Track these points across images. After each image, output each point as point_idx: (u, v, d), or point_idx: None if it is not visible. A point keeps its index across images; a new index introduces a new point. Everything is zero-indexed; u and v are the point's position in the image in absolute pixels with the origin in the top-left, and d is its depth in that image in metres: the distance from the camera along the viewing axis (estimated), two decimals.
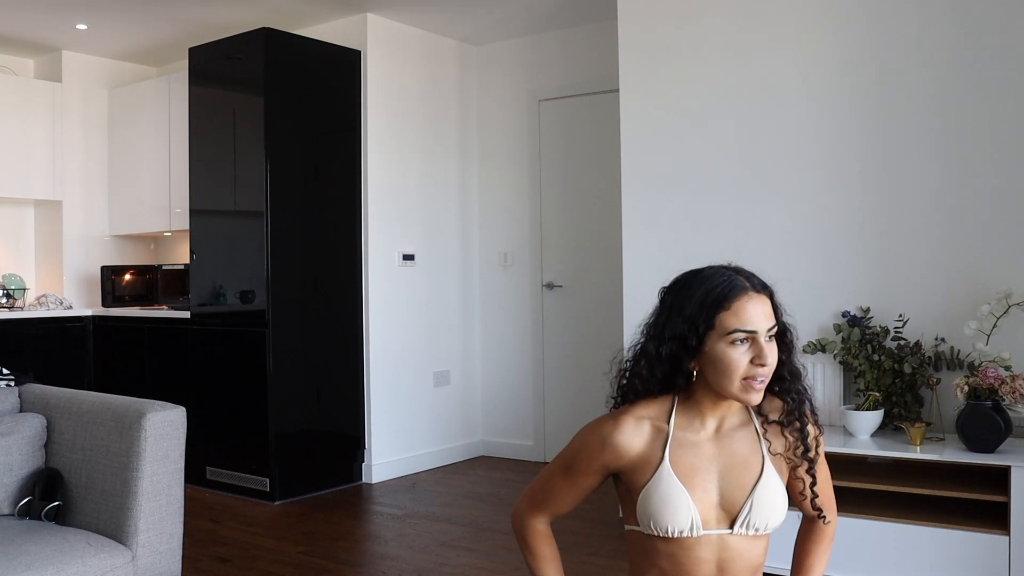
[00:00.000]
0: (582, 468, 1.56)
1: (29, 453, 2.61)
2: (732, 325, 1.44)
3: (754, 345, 1.45)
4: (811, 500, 1.61)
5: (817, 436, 1.59)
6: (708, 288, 1.48)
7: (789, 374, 1.55)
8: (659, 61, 4.01)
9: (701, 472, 1.49)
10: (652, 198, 4.01)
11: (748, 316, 1.44)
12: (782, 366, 1.54)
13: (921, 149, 3.40)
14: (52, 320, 5.39)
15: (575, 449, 1.58)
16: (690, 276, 1.53)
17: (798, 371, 1.56)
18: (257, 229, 4.59)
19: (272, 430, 4.53)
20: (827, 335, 3.49)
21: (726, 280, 1.48)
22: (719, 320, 1.45)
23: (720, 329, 1.45)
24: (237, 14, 4.97)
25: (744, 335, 1.44)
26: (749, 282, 1.48)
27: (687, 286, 1.51)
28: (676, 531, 1.47)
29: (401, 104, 5.18)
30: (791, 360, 1.55)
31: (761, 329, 1.45)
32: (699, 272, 1.52)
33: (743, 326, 1.44)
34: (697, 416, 1.53)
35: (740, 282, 1.47)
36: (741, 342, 1.44)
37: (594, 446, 1.54)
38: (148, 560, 2.44)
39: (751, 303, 1.45)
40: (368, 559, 3.73)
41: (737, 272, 1.50)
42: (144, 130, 5.75)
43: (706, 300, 1.47)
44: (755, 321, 1.44)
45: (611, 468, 1.54)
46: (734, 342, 1.44)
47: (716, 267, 1.53)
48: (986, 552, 2.83)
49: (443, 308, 5.45)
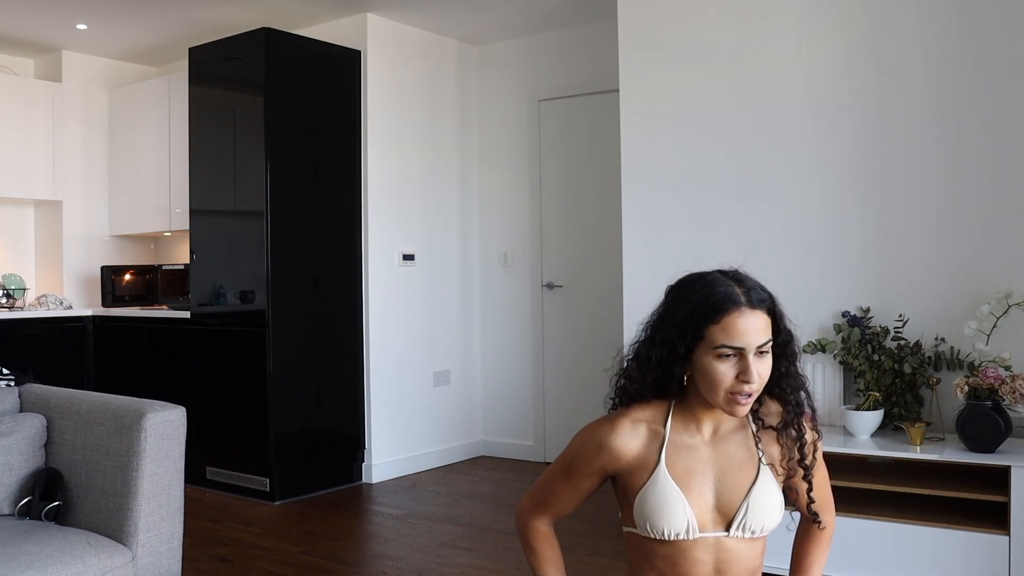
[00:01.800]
0: (580, 470, 1.56)
1: (29, 453, 2.61)
2: (719, 340, 1.42)
3: (741, 361, 1.42)
4: (807, 506, 1.60)
5: (815, 442, 1.58)
6: (702, 298, 1.45)
7: (789, 385, 1.54)
8: (659, 61, 4.01)
9: (697, 475, 1.49)
10: (652, 198, 4.01)
11: (737, 332, 1.42)
12: (783, 377, 1.53)
13: (921, 149, 3.40)
14: (52, 320, 5.39)
15: (573, 451, 1.58)
16: (691, 280, 1.51)
17: (799, 381, 1.55)
18: (257, 229, 4.59)
19: (272, 430, 4.53)
20: (827, 335, 3.49)
21: (721, 292, 1.44)
22: (708, 333, 1.43)
23: (708, 342, 1.43)
24: (237, 14, 4.97)
25: (731, 351, 1.42)
26: (746, 296, 1.44)
27: (684, 291, 1.50)
28: (672, 533, 1.47)
29: (401, 104, 5.18)
30: (792, 371, 1.53)
31: (749, 346, 1.42)
32: (701, 277, 1.50)
33: (730, 342, 1.42)
34: (693, 420, 1.53)
35: (736, 296, 1.44)
36: (728, 357, 1.43)
37: (591, 449, 1.54)
38: (148, 560, 2.44)
39: (742, 319, 1.42)
40: (368, 559, 3.73)
41: (738, 283, 1.46)
42: (144, 130, 5.75)
43: (697, 310, 1.45)
44: (743, 338, 1.42)
45: (608, 470, 1.54)
46: (720, 356, 1.43)
47: (717, 275, 1.49)
48: (986, 552, 2.83)
49: (443, 308, 5.45)
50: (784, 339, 1.51)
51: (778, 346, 1.50)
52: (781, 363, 1.52)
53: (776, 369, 1.51)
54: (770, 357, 1.47)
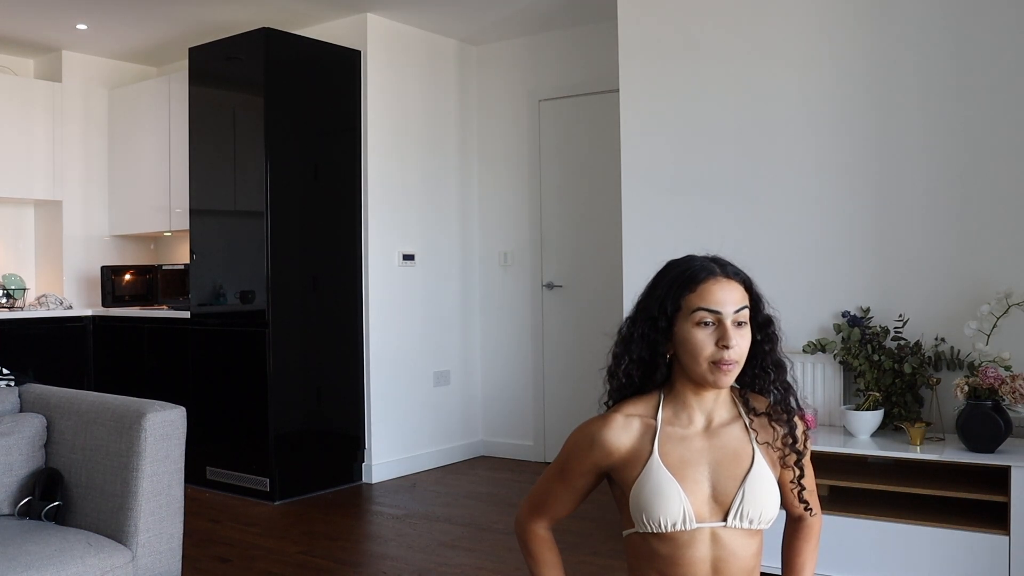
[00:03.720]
0: (575, 469, 1.58)
1: (29, 453, 2.61)
2: (696, 304, 1.48)
3: (719, 327, 1.47)
4: (799, 493, 1.60)
5: (805, 430, 1.60)
6: (679, 272, 1.53)
7: (773, 366, 1.56)
8: (659, 61, 4.01)
9: (691, 465, 1.50)
10: (652, 198, 4.01)
11: (713, 298, 1.48)
12: (766, 357, 1.56)
13: (921, 148, 3.40)
14: (52, 320, 5.39)
15: (567, 451, 1.60)
16: (670, 263, 1.58)
17: (783, 363, 1.58)
18: (257, 229, 4.59)
19: (272, 430, 4.53)
20: (827, 335, 3.49)
21: (697, 264, 1.53)
22: (685, 301, 1.49)
23: (686, 309, 1.49)
24: (237, 14, 4.97)
25: (709, 316, 1.47)
26: (721, 269, 1.51)
27: (664, 270, 1.57)
28: (669, 523, 1.48)
29: (401, 104, 5.18)
30: (775, 352, 1.57)
31: (726, 312, 1.47)
32: (679, 259, 1.58)
33: (707, 305, 1.47)
34: (684, 410, 1.54)
35: (711, 267, 1.51)
36: (706, 324, 1.48)
37: (583, 446, 1.56)
38: (148, 560, 2.44)
39: (718, 286, 1.49)
40: (368, 559, 3.73)
41: (714, 261, 1.54)
42: (144, 130, 5.75)
43: (675, 282, 1.52)
44: (720, 303, 1.48)
45: (602, 467, 1.55)
46: (699, 323, 1.48)
47: (696, 255, 1.57)
48: (986, 552, 2.83)
49: (443, 308, 5.45)
50: (764, 320, 1.55)
51: (759, 327, 1.54)
52: (764, 344, 1.55)
53: (760, 349, 1.55)
54: (748, 331, 1.51)
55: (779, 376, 1.57)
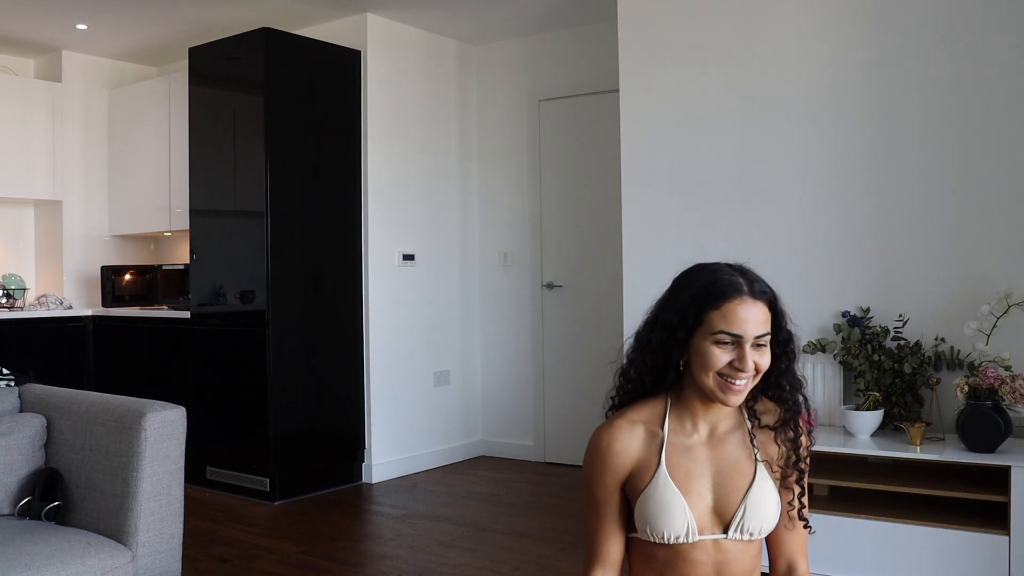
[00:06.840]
0: (600, 491, 1.53)
1: (29, 453, 2.61)
2: (718, 326, 1.44)
3: (737, 349, 1.44)
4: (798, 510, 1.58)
5: (807, 447, 1.58)
6: (704, 283, 1.48)
7: (789, 384, 1.55)
8: (659, 61, 4.01)
9: (696, 477, 1.50)
10: (652, 198, 4.01)
11: (736, 320, 1.44)
12: (782, 375, 1.54)
13: (921, 149, 3.40)
14: (52, 320, 5.39)
15: (587, 477, 1.56)
16: (696, 268, 1.54)
17: (798, 381, 1.56)
18: (257, 229, 4.59)
19: (272, 430, 4.53)
20: (827, 335, 3.49)
21: (724, 280, 1.47)
22: (707, 318, 1.45)
23: (707, 327, 1.45)
24: (237, 14, 4.97)
25: (729, 338, 1.44)
26: (748, 287, 1.46)
27: (688, 277, 1.53)
28: (672, 537, 1.47)
29: (401, 104, 5.18)
30: (791, 370, 1.55)
31: (747, 335, 1.44)
32: (707, 266, 1.53)
33: (729, 328, 1.44)
34: (689, 418, 1.53)
35: (738, 284, 1.46)
36: (725, 344, 1.44)
37: (598, 461, 1.53)
38: (148, 560, 2.44)
39: (743, 307, 1.44)
40: (368, 559, 3.73)
41: (741, 274, 1.49)
42: (144, 130, 5.75)
43: (698, 295, 1.47)
44: (742, 326, 1.44)
45: (620, 476, 1.52)
46: (718, 343, 1.44)
47: (723, 265, 1.52)
48: (986, 552, 2.83)
49: (443, 308, 5.45)
50: (784, 337, 1.52)
51: (778, 344, 1.52)
52: (781, 361, 1.53)
53: (776, 367, 1.52)
54: (768, 351, 1.48)
55: (792, 393, 1.55)
